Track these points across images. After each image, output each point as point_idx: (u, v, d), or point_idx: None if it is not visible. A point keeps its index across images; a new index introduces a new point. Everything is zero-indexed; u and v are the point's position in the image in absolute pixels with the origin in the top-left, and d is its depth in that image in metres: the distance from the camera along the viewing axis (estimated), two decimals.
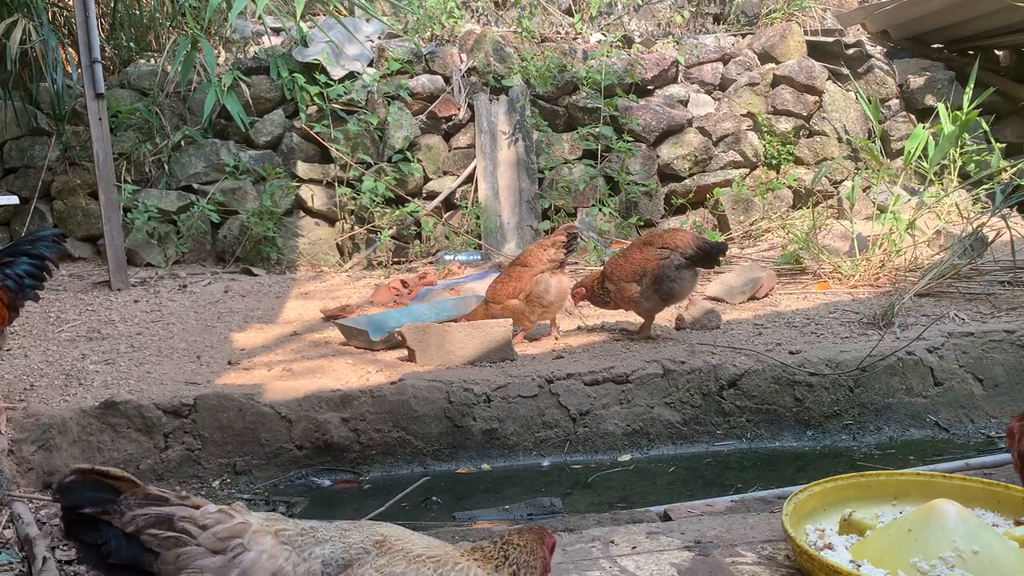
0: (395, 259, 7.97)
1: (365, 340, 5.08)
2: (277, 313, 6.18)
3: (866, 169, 8.33)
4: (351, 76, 8.26)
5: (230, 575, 1.25)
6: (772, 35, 9.08)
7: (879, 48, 9.29)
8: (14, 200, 6.75)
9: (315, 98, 8.04)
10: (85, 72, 6.58)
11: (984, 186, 7.19)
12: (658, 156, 8.46)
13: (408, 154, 8.16)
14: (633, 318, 5.28)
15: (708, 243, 4.81)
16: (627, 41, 9.22)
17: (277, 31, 8.76)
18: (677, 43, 9.16)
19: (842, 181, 8.60)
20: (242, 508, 1.40)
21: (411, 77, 8.38)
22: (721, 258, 4.94)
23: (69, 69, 7.83)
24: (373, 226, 7.97)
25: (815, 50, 9.02)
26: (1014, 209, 6.80)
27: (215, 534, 1.27)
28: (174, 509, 1.27)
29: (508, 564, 1.60)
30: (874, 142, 8.35)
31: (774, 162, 8.62)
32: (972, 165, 7.85)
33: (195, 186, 7.87)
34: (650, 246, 4.87)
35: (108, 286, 6.71)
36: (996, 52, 9.48)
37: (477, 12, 9.95)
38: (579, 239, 5.56)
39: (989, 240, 5.93)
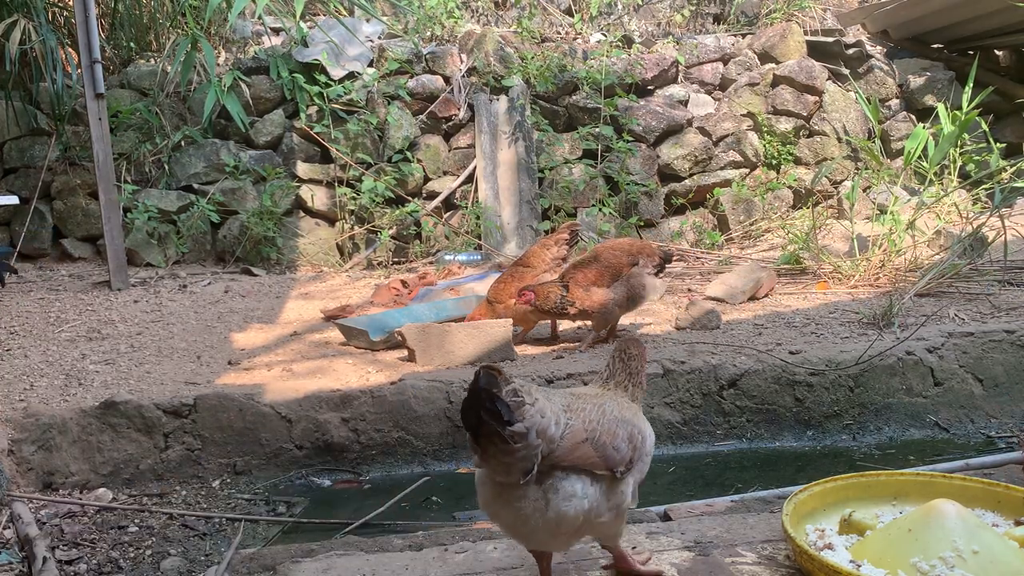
0: (395, 259, 7.97)
1: (365, 340, 5.08)
2: (277, 313, 6.18)
3: (866, 169, 8.33)
4: (351, 76, 8.26)
5: (537, 415, 1.88)
6: (772, 35, 9.08)
7: (879, 48, 9.29)
8: (14, 200, 6.76)
9: (315, 98, 8.05)
10: (85, 72, 6.58)
11: (984, 186, 7.19)
12: (658, 156, 8.46)
13: (408, 154, 8.16)
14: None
15: (665, 251, 5.15)
16: (627, 41, 9.22)
17: (277, 31, 8.77)
18: (677, 43, 9.17)
19: (842, 181, 8.60)
20: None
21: (411, 77, 8.38)
22: (667, 266, 5.29)
23: (69, 69, 7.83)
24: (373, 226, 7.97)
25: (815, 50, 9.02)
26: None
27: (526, 395, 1.88)
28: (512, 384, 1.89)
29: (631, 378, 2.25)
30: (874, 142, 8.35)
31: (774, 162, 8.62)
32: (972, 165, 7.86)
33: (195, 186, 7.87)
34: (619, 250, 4.97)
35: (108, 286, 6.71)
36: (996, 52, 9.49)
37: (477, 12, 9.96)
38: (580, 238, 5.58)
39: (989, 240, 5.93)
